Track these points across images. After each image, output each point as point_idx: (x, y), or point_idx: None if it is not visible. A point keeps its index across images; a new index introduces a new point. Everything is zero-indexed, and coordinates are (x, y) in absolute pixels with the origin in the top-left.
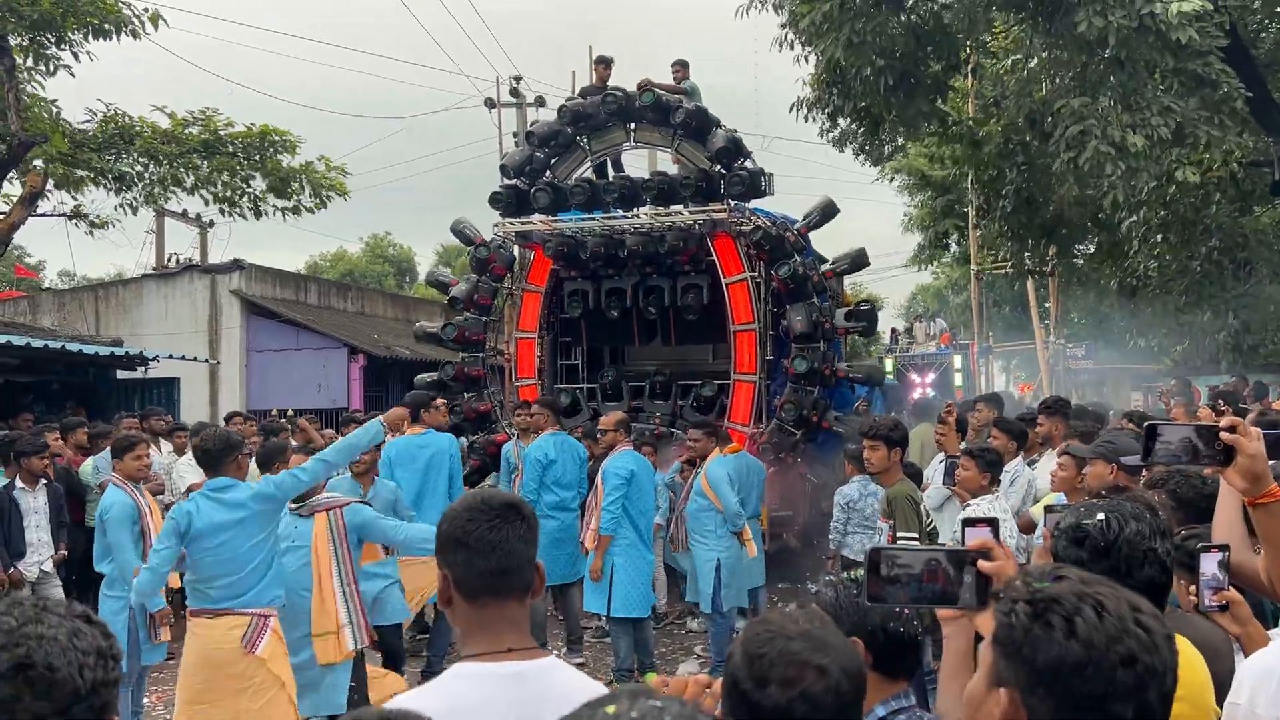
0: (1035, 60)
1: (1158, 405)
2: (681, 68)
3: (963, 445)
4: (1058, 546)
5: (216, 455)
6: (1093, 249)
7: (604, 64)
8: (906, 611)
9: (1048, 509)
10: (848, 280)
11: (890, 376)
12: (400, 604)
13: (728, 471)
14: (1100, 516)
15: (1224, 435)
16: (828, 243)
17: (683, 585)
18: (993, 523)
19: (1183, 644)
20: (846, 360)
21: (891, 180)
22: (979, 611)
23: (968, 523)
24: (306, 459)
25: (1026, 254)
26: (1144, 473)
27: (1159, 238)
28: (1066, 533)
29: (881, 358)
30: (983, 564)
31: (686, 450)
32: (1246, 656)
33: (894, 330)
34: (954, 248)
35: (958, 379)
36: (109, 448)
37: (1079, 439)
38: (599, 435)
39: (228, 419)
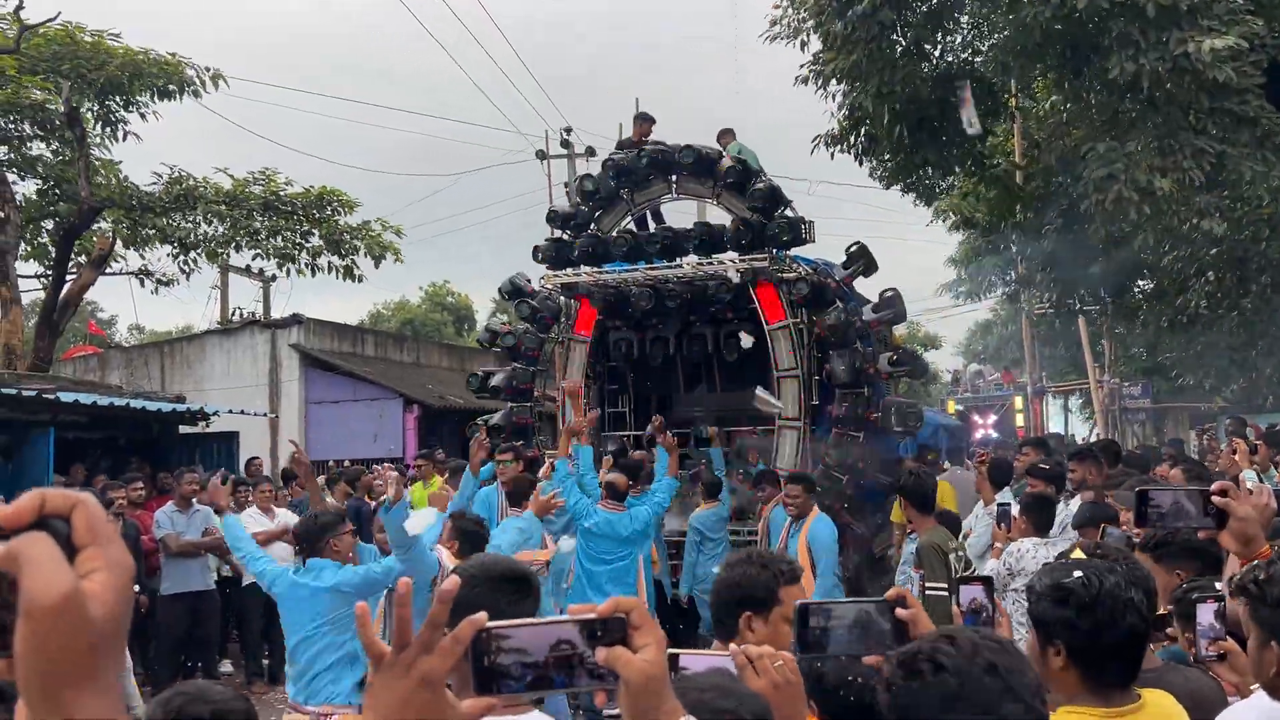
0: (1068, 105)
1: (1203, 445)
2: (728, 135)
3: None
4: (1039, 608)
5: (312, 536)
6: (1147, 285)
7: (645, 120)
8: (860, 679)
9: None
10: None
11: (955, 419)
12: None
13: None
14: (1078, 574)
15: (1215, 499)
16: (872, 278)
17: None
18: (986, 581)
19: (1164, 697)
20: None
21: (943, 220)
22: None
23: (962, 580)
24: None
25: (1078, 293)
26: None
27: (1210, 275)
28: (1048, 593)
29: (944, 399)
30: (900, 611)
31: (787, 505)
32: None
33: (955, 372)
34: (1000, 289)
35: (1019, 419)
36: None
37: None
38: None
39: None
